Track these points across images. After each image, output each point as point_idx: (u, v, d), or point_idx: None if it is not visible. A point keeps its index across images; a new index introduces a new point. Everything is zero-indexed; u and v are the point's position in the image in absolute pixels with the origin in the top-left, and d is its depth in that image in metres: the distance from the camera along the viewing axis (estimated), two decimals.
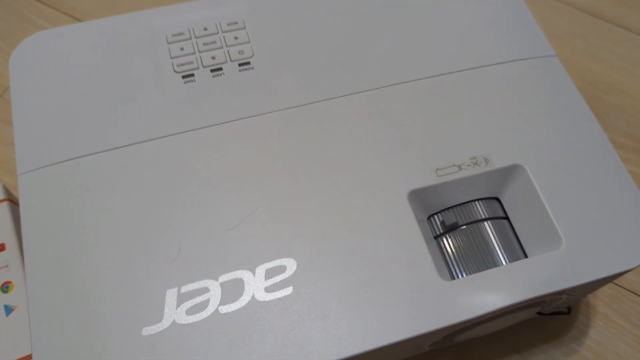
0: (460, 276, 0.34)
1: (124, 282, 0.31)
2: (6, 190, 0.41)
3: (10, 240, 0.39)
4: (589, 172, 0.36)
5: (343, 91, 0.38)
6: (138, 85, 0.38)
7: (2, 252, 0.39)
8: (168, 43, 0.39)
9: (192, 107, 0.37)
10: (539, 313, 0.39)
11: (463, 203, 0.36)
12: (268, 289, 0.31)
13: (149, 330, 0.30)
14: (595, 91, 0.56)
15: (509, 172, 0.35)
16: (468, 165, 0.35)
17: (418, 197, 0.34)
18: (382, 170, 0.35)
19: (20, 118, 0.36)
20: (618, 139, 0.53)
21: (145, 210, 0.33)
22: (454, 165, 0.35)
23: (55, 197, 0.34)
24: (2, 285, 0.38)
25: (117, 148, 0.35)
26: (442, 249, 0.35)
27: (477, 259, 0.34)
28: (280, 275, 0.31)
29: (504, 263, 0.34)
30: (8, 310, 0.38)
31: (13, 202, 0.42)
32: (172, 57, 0.39)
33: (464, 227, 0.35)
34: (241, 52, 0.39)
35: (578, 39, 0.60)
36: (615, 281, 0.46)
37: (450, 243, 0.35)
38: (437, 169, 0.35)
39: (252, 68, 0.39)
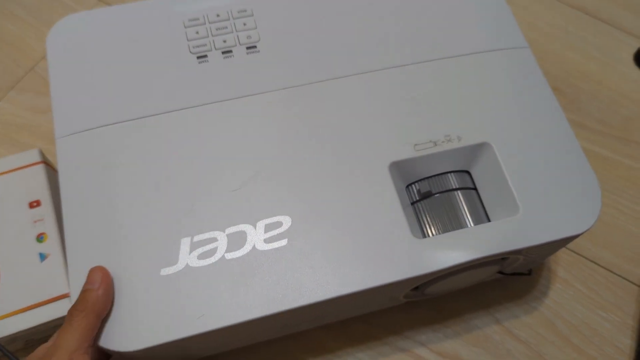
0: (430, 236, 0.39)
1: (146, 231, 0.37)
2: (42, 154, 0.46)
3: (45, 198, 0.44)
4: (548, 149, 0.41)
5: (337, 74, 0.43)
6: (159, 63, 0.43)
7: (38, 208, 0.44)
8: (185, 27, 0.44)
9: (204, 84, 0.42)
10: (500, 272, 0.45)
11: (437, 174, 0.41)
12: (266, 240, 0.37)
13: (166, 271, 0.35)
14: (571, 79, 0.61)
15: (478, 149, 0.41)
16: (442, 142, 0.40)
17: (398, 168, 0.40)
18: (367, 144, 0.40)
19: (58, 88, 0.41)
20: (588, 123, 0.59)
21: (165, 171, 0.38)
22: (430, 141, 0.40)
23: (89, 158, 0.39)
24: (38, 235, 0.43)
25: (141, 118, 0.40)
26: (417, 214, 0.40)
27: (445, 222, 0.39)
28: (277, 230, 0.37)
29: (469, 226, 0.39)
30: (42, 257, 0.42)
31: (48, 164, 0.47)
32: (188, 40, 0.44)
33: (437, 195, 0.40)
34: (249, 37, 0.44)
35: (559, 30, 0.64)
36: (577, 250, 0.52)
37: (424, 208, 0.40)
38: (416, 144, 0.40)
39: (258, 51, 0.44)
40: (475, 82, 0.43)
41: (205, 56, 0.43)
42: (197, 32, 0.44)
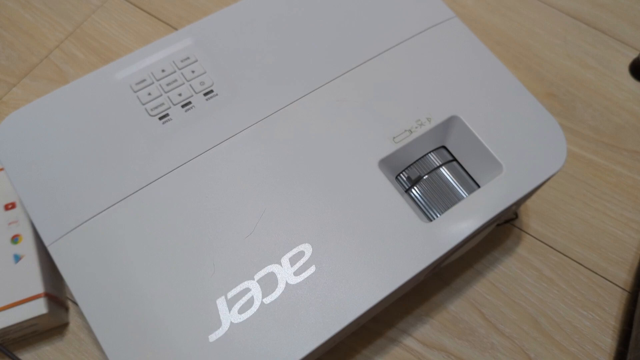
0: (436, 216, 0.41)
1: (178, 306, 0.36)
2: None
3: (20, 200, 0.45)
4: (507, 106, 0.44)
5: (299, 93, 0.44)
6: (123, 136, 0.41)
7: (13, 210, 0.45)
8: (134, 92, 0.43)
9: (177, 143, 0.41)
10: (497, 225, 0.48)
11: (419, 158, 0.44)
12: (296, 273, 0.37)
13: (214, 336, 0.35)
14: (567, 86, 0.63)
15: (448, 123, 0.44)
16: (416, 128, 0.43)
17: (385, 164, 0.42)
18: (351, 152, 0.41)
19: (27, 194, 0.39)
20: (581, 130, 0.60)
21: (172, 241, 0.38)
22: (405, 130, 0.43)
23: (89, 254, 0.37)
24: (13, 237, 0.44)
25: (126, 197, 0.39)
26: (414, 199, 0.42)
27: (443, 199, 0.42)
28: (302, 259, 0.38)
29: (464, 196, 0.42)
30: (17, 258, 0.43)
31: None
32: (143, 104, 0.42)
33: (426, 176, 0.43)
34: (202, 82, 0.43)
35: (558, 38, 0.66)
36: (563, 251, 0.53)
37: (419, 192, 0.42)
38: (394, 137, 0.42)
39: (217, 94, 0.43)
40: (422, 64, 0.45)
41: (167, 115, 0.42)
42: (149, 94, 0.43)
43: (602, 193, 0.57)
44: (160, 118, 0.42)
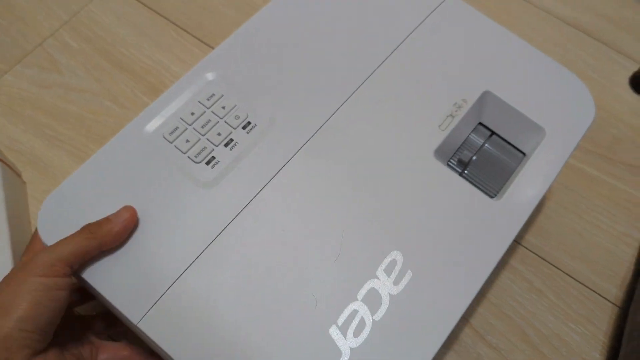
0: (497, 192, 0.43)
1: (292, 346, 0.35)
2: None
3: None
4: (530, 72, 0.46)
5: (336, 104, 0.43)
6: (176, 191, 0.38)
7: None
8: (170, 142, 0.40)
9: (234, 183, 0.39)
10: None
11: (464, 142, 0.45)
12: (395, 282, 0.37)
13: None
14: None
15: (482, 100, 0.45)
16: (456, 111, 0.43)
17: (439, 153, 0.43)
18: (406, 148, 0.42)
19: (100, 284, 0.36)
20: None
21: (262, 284, 0.36)
22: (448, 116, 0.43)
23: (178, 321, 0.35)
24: None
25: (199, 255, 0.36)
26: (470, 181, 0.42)
27: (498, 173, 0.43)
28: (397, 267, 0.38)
29: (515, 166, 0.44)
30: None
31: (4, 162, 0.45)
32: (184, 152, 0.40)
33: (474, 157, 0.44)
34: (237, 117, 0.41)
35: (558, 47, 0.65)
36: (554, 263, 0.53)
37: (474, 174, 0.44)
38: (439, 125, 0.43)
39: (255, 125, 0.41)
40: (438, 48, 0.46)
41: (213, 157, 0.40)
42: (187, 140, 0.40)
43: (596, 205, 0.56)
44: (208, 163, 0.39)
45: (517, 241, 0.54)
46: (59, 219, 0.37)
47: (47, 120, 0.54)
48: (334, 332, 0.35)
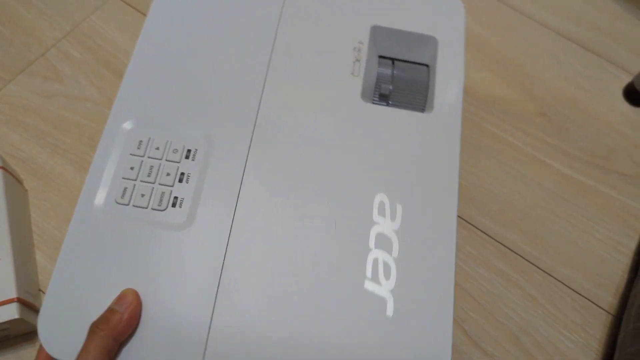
0: (424, 106, 0.45)
1: (345, 315, 0.36)
2: (2, 160, 0.46)
3: (0, 203, 0.45)
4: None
5: (256, 94, 0.42)
6: (161, 248, 0.37)
7: None
8: (127, 205, 0.38)
9: (210, 210, 0.38)
10: None
11: (377, 78, 0.47)
12: (392, 218, 0.39)
13: (390, 311, 0.36)
14: (559, 106, 0.63)
15: (374, 34, 0.47)
16: (358, 54, 0.46)
17: (364, 96, 0.44)
18: (339, 107, 0.43)
19: None
20: (572, 150, 0.61)
21: (290, 283, 0.37)
22: (355, 61, 0.46)
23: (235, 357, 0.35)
24: None
25: (219, 286, 0.36)
26: (400, 107, 0.44)
27: (417, 91, 0.46)
28: (387, 206, 0.40)
29: (428, 80, 0.46)
30: None
31: (7, 170, 0.47)
32: (145, 207, 0.38)
33: (391, 87, 0.46)
34: (175, 150, 0.40)
35: (551, 58, 0.66)
36: (549, 271, 0.53)
37: (399, 99, 0.45)
38: (352, 73, 0.45)
39: (196, 150, 0.40)
40: (315, 5, 0.48)
41: (176, 198, 0.39)
42: (143, 195, 0.39)
43: (590, 214, 0.57)
44: (173, 205, 0.38)
45: (511, 249, 0.54)
46: (59, 329, 0.35)
47: (49, 128, 0.55)
48: (369, 285, 0.37)
